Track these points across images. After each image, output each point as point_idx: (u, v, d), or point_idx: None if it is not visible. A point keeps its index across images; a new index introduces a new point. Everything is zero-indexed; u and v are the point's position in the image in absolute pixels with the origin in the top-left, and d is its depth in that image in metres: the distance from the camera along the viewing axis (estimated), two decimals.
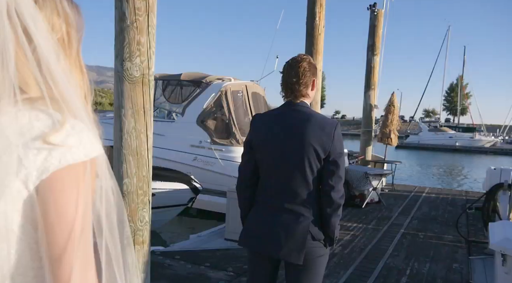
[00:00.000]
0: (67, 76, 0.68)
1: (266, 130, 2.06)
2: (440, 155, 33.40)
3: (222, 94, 8.82)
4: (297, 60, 2.06)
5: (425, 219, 6.86)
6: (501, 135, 49.62)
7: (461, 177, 19.83)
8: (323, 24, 5.86)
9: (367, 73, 10.17)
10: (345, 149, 8.28)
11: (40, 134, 0.63)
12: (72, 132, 0.65)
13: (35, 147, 0.62)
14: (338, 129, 2.04)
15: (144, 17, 2.97)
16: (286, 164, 2.00)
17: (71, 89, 0.68)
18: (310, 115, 2.02)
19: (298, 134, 1.98)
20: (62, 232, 0.63)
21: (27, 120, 0.63)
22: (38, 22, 0.65)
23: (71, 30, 0.74)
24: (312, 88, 2.10)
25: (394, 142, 10.15)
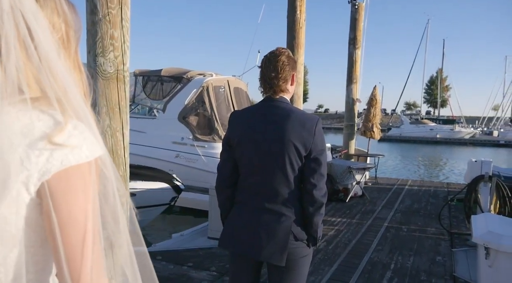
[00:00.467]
0: (69, 75, 0.67)
1: (244, 127, 1.98)
2: (421, 147, 33.92)
3: (203, 90, 8.69)
4: (275, 54, 1.98)
5: (408, 212, 6.90)
6: (480, 127, 50.72)
7: (443, 168, 20.14)
8: (304, 17, 5.78)
9: (349, 67, 10.16)
10: (328, 144, 8.31)
11: (42, 135, 0.62)
12: (74, 133, 0.64)
13: (36, 148, 0.61)
14: (319, 125, 1.97)
15: (117, 10, 2.84)
16: (266, 162, 1.92)
17: (73, 89, 0.66)
18: (290, 111, 1.95)
19: (278, 131, 1.90)
20: (74, 233, 0.63)
21: (29, 121, 0.62)
22: (40, 21, 0.64)
23: (70, 30, 0.73)
24: (292, 83, 2.02)
25: (377, 135, 10.20)
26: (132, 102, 9.94)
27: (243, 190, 2.00)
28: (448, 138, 38.53)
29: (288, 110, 1.95)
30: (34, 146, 0.61)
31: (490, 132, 44.69)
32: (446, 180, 14.86)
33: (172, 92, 9.12)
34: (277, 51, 1.99)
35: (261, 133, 1.92)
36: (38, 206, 0.62)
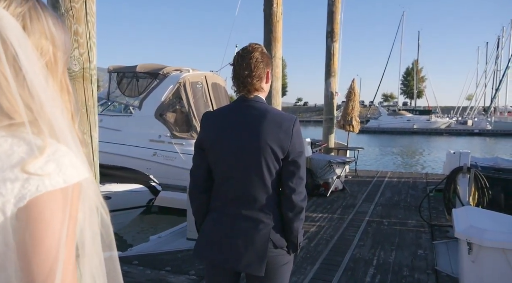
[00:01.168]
0: (54, 100, 0.67)
1: (217, 129, 1.85)
2: (399, 137, 34.44)
3: (180, 86, 8.48)
4: (248, 51, 1.85)
5: (388, 204, 6.91)
6: (455, 116, 51.88)
7: (421, 159, 20.46)
8: (281, 10, 5.66)
9: (327, 60, 10.12)
10: (307, 138, 8.24)
11: (19, 161, 0.62)
12: (53, 157, 0.64)
13: (13, 174, 0.61)
14: (297, 125, 1.85)
15: (80, 4, 2.65)
16: (241, 166, 1.80)
17: (58, 114, 0.67)
18: (266, 112, 1.82)
19: (253, 133, 1.78)
20: (41, 260, 0.62)
21: (9, 147, 0.63)
22: (27, 49, 0.64)
23: (58, 51, 0.73)
24: (267, 80, 1.90)
25: (356, 128, 10.21)
26: (106, 99, 9.66)
27: (218, 196, 1.88)
28: (425, 129, 39.31)
29: (264, 111, 1.83)
30: (11, 172, 0.61)
31: (465, 121, 45.73)
32: (425, 170, 15.08)
33: (148, 88, 8.88)
34: (250, 48, 1.86)
35: (235, 135, 1.80)
36: (15, 231, 0.62)
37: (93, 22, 2.75)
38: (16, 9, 0.67)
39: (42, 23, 0.70)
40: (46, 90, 0.66)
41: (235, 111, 1.86)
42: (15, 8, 0.67)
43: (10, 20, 0.64)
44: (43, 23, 0.70)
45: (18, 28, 0.65)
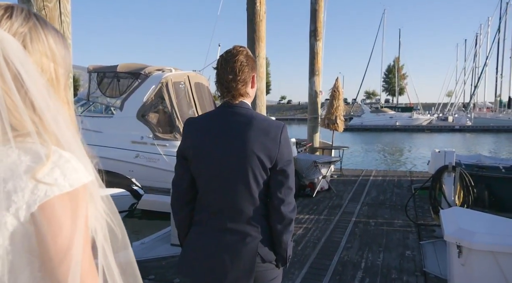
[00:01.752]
0: (58, 112, 0.71)
1: (201, 137, 1.74)
2: (382, 135, 34.78)
3: (163, 86, 8.29)
4: (232, 54, 1.74)
5: (374, 204, 6.90)
6: (436, 113, 52.69)
7: (404, 156, 20.66)
8: (264, 9, 5.56)
9: (310, 59, 10.07)
10: (292, 138, 8.17)
11: (27, 169, 0.66)
12: (58, 164, 0.68)
13: (23, 181, 0.65)
14: (285, 132, 1.76)
15: (54, 3, 2.51)
16: (226, 177, 1.69)
17: (62, 124, 0.71)
18: (252, 118, 1.72)
19: (239, 141, 1.68)
20: (59, 260, 0.67)
21: (16, 156, 0.67)
22: (28, 67, 0.68)
23: (59, 68, 0.77)
24: (252, 85, 1.80)
25: (341, 127, 10.18)
26: (87, 100, 9.41)
27: (202, 209, 1.77)
28: (407, 126, 39.80)
29: (250, 117, 1.72)
30: (20, 180, 0.65)
31: (446, 118, 46.51)
32: (408, 167, 15.23)
33: (130, 89, 8.67)
34: (234, 50, 1.75)
35: (220, 144, 1.69)
36: (30, 234, 0.66)
37: (68, 22, 2.61)
38: (18, 29, 0.71)
39: (43, 43, 0.74)
40: (48, 103, 0.70)
41: (219, 118, 1.76)
42: (17, 29, 0.70)
43: (11, 41, 0.68)
44: (43, 43, 0.74)
45: (19, 48, 0.69)
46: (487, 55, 46.63)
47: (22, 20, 0.72)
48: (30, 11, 0.75)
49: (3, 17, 0.70)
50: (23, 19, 0.72)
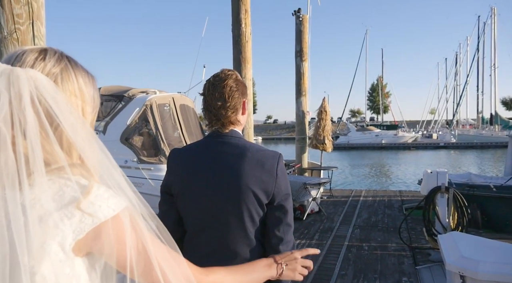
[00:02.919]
0: (89, 145, 0.76)
1: (187, 171, 1.56)
2: (369, 153, 34.94)
3: (147, 109, 8.09)
4: (221, 78, 1.57)
5: (366, 226, 6.72)
6: (420, 130, 53.41)
7: (392, 175, 20.64)
8: (249, 31, 5.48)
9: (297, 79, 10.02)
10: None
11: (71, 199, 0.71)
12: (99, 192, 0.73)
13: (68, 211, 0.70)
14: (281, 163, 1.58)
15: (27, 25, 2.33)
16: (218, 216, 1.51)
17: (96, 155, 0.76)
18: (245, 149, 1.55)
19: (231, 175, 1.50)
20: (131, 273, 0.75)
21: (58, 188, 0.72)
22: (60, 103, 0.73)
23: (87, 106, 0.82)
24: (243, 112, 1.63)
25: (329, 147, 10.08)
26: None
27: (191, 251, 1.57)
28: (393, 143, 40.09)
29: (242, 148, 1.55)
30: (66, 210, 0.70)
31: (430, 135, 47.10)
32: (397, 186, 15.16)
33: (113, 112, 8.45)
34: (222, 74, 1.59)
35: (210, 179, 1.51)
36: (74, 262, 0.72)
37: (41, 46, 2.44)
38: (50, 70, 0.76)
39: (73, 83, 0.79)
40: (80, 136, 0.74)
41: (209, 149, 1.58)
42: (49, 70, 0.76)
43: (44, 80, 0.73)
44: (73, 83, 0.79)
45: (52, 86, 0.74)
46: (467, 74, 47.79)
47: (54, 62, 0.77)
48: (63, 53, 0.80)
49: (37, 59, 0.76)
50: (56, 61, 0.77)
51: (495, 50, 45.46)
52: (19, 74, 0.71)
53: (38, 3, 2.31)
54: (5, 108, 0.69)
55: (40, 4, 2.33)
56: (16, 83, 0.70)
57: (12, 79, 0.71)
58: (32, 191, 0.70)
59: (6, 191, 0.68)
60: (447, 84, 55.33)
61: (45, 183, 0.71)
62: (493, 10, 45.85)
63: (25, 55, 0.76)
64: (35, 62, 0.76)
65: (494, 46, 45.47)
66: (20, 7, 2.26)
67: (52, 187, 0.71)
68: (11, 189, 0.68)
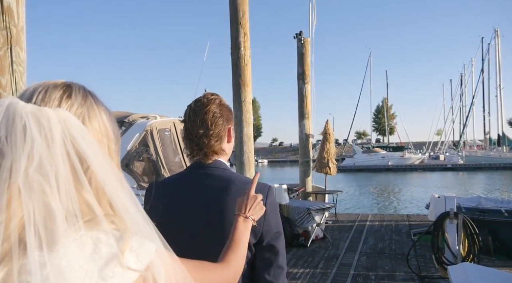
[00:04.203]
0: (120, 190, 0.69)
1: (167, 206, 1.41)
2: (375, 175, 34.53)
3: (147, 134, 7.99)
4: (203, 104, 1.43)
5: (373, 253, 6.46)
6: (427, 152, 52.95)
7: (399, 197, 20.26)
8: (249, 54, 5.41)
9: (299, 102, 9.94)
10: (284, 185, 7.82)
11: (110, 256, 0.64)
12: (133, 243, 0.68)
13: (109, 270, 0.64)
14: (271, 196, 1.43)
15: (4, 51, 2.22)
16: (199, 256, 1.35)
17: (128, 204, 0.70)
18: (229, 182, 1.40)
19: (214, 211, 1.35)
20: None
21: (93, 245, 0.65)
22: (91, 146, 0.68)
23: (111, 144, 0.76)
24: (229, 140, 1.48)
25: (333, 171, 9.89)
26: None
27: None
28: (400, 165, 39.68)
29: (227, 180, 1.40)
30: (107, 268, 0.63)
31: (437, 156, 46.62)
32: (405, 210, 14.82)
33: None
34: (205, 99, 1.45)
35: (192, 215, 1.36)
36: None
37: (21, 72, 2.31)
38: (77, 110, 0.71)
39: (98, 120, 0.74)
40: (109, 182, 0.68)
41: (189, 182, 1.43)
42: (76, 109, 0.71)
43: (74, 122, 0.68)
44: (98, 120, 0.74)
45: (82, 128, 0.69)
46: (473, 95, 47.62)
47: (81, 100, 0.73)
48: (85, 89, 0.76)
49: (62, 98, 0.71)
50: (82, 99, 0.73)
51: (500, 71, 45.43)
52: (49, 115, 0.65)
53: (18, 28, 2.22)
54: (38, 154, 0.62)
55: (20, 29, 2.23)
56: (47, 126, 0.64)
57: (43, 121, 0.64)
58: (67, 251, 0.62)
59: (36, 252, 0.60)
60: (453, 105, 55.20)
61: (77, 241, 0.63)
62: (496, 32, 46.07)
63: (49, 93, 0.70)
64: (62, 101, 0.70)
65: (498, 67, 45.48)
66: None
67: (86, 244, 0.64)
68: (39, 249, 0.61)
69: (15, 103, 0.65)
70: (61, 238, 0.62)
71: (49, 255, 0.61)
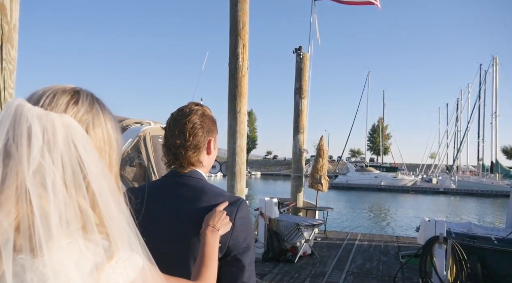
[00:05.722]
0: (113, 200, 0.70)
1: (138, 213, 1.35)
2: (367, 194, 34.49)
3: (140, 140, 7.90)
4: (184, 114, 1.39)
5: (360, 273, 6.38)
6: (420, 174, 53.08)
7: (390, 218, 20.20)
8: (246, 65, 5.39)
9: (295, 116, 9.93)
10: (274, 199, 7.75)
11: (94, 265, 0.65)
12: (123, 256, 0.68)
13: (93, 278, 0.64)
14: (243, 210, 1.36)
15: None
16: (164, 268, 1.29)
17: (119, 216, 0.70)
18: (202, 192, 1.35)
19: (182, 222, 1.30)
20: None
21: (80, 252, 0.64)
22: (90, 154, 0.68)
23: (113, 153, 0.76)
24: (208, 151, 1.43)
25: (325, 188, 9.84)
26: None
27: None
28: (392, 186, 39.67)
29: (200, 191, 1.35)
30: (91, 277, 0.63)
31: (430, 179, 46.71)
32: (395, 230, 14.75)
33: None
34: (187, 109, 1.40)
35: (160, 225, 1.31)
36: None
37: (10, 70, 2.27)
38: (83, 117, 0.72)
39: (102, 129, 0.74)
40: (104, 191, 0.68)
41: (163, 190, 1.38)
42: (82, 116, 0.71)
43: (77, 129, 0.68)
44: (102, 129, 0.74)
45: (85, 136, 0.69)
46: (468, 120, 47.96)
47: (87, 107, 0.73)
48: (93, 96, 0.76)
49: (69, 103, 0.71)
50: (88, 106, 0.73)
51: (496, 98, 45.86)
52: (54, 120, 0.66)
53: (10, 25, 2.18)
54: (38, 157, 0.63)
55: (12, 27, 2.20)
56: (50, 130, 0.65)
57: (47, 125, 0.65)
58: (56, 256, 0.62)
59: (23, 256, 0.60)
60: (448, 129, 55.60)
61: (65, 248, 0.63)
62: (494, 59, 46.62)
63: (56, 97, 0.71)
64: (68, 107, 0.70)
65: (495, 94, 45.92)
66: None
67: (73, 251, 0.64)
68: (28, 253, 0.61)
69: (23, 105, 0.65)
70: (50, 244, 0.61)
71: (35, 259, 0.61)
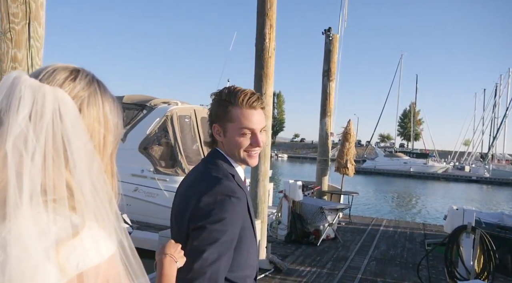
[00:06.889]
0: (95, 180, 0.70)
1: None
2: (395, 180, 33.91)
3: (167, 119, 8.03)
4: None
5: (383, 259, 6.31)
6: (452, 161, 51.54)
7: (418, 205, 19.83)
8: (273, 46, 5.31)
9: (323, 99, 9.77)
10: (299, 181, 7.72)
11: (57, 239, 0.64)
12: (89, 233, 0.67)
13: (51, 253, 0.62)
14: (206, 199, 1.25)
15: (22, 25, 2.23)
16: None
17: (95, 193, 0.69)
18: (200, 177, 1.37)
19: (179, 208, 1.37)
20: None
21: (45, 224, 0.64)
22: (78, 131, 0.69)
23: (108, 135, 0.77)
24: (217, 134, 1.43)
25: (351, 172, 9.71)
26: None
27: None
28: (422, 173, 38.77)
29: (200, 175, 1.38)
30: (49, 252, 0.62)
31: (462, 167, 45.31)
32: (422, 218, 14.48)
33: (134, 120, 8.42)
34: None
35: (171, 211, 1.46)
36: None
37: (38, 47, 2.31)
38: (78, 93, 0.72)
39: (98, 108, 0.74)
40: (87, 170, 0.68)
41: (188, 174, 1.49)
42: (77, 92, 0.72)
43: (68, 103, 0.69)
44: (98, 109, 0.74)
45: (75, 111, 0.70)
46: (507, 106, 45.90)
47: (84, 85, 0.73)
48: (94, 77, 0.77)
49: (66, 79, 0.72)
50: (86, 84, 0.74)
51: None
52: (46, 92, 0.67)
53: (37, 3, 2.22)
54: (22, 125, 0.64)
55: (40, 4, 2.23)
56: (40, 101, 0.66)
57: (38, 96, 0.67)
58: (20, 223, 0.62)
59: None
60: (484, 115, 53.41)
61: (30, 217, 0.63)
62: None
63: (55, 73, 0.72)
64: (65, 82, 0.72)
65: None
66: (16, 6, 2.17)
67: (38, 223, 0.63)
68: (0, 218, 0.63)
69: (19, 77, 0.68)
70: (18, 211, 0.62)
71: (1, 224, 0.62)
